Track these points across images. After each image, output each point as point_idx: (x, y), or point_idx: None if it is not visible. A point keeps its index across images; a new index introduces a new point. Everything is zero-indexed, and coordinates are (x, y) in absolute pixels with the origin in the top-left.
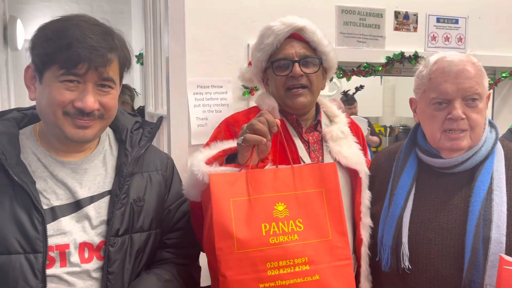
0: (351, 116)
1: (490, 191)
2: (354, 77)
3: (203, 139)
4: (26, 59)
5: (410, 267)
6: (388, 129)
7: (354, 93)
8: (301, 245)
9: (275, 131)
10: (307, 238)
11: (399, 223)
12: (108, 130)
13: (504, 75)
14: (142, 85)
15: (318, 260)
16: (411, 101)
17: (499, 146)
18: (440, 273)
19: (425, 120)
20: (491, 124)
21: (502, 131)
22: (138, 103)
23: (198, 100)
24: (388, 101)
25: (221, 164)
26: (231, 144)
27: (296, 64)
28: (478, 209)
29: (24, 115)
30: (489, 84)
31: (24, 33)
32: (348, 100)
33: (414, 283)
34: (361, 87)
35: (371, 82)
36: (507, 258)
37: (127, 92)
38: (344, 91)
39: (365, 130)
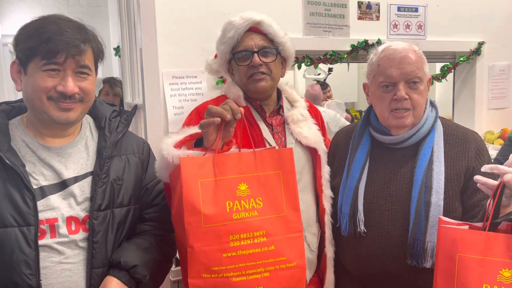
0: (331, 100)
1: (431, 162)
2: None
3: (179, 127)
4: (4, 53)
5: (365, 230)
6: (363, 114)
7: (325, 78)
8: (260, 220)
9: (239, 118)
10: (265, 213)
11: (355, 193)
12: (89, 119)
13: (462, 59)
14: (120, 77)
15: (274, 233)
16: (364, 85)
17: (439, 123)
18: (390, 234)
19: (375, 102)
20: (432, 104)
21: (463, 110)
22: None
23: (174, 90)
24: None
25: (189, 148)
26: (197, 129)
27: (256, 55)
28: (421, 178)
29: (12, 108)
30: (448, 68)
31: (1, 28)
32: (322, 85)
33: (368, 244)
34: (330, 69)
35: (346, 69)
36: (445, 218)
37: (119, 85)
38: (318, 81)
39: (343, 113)
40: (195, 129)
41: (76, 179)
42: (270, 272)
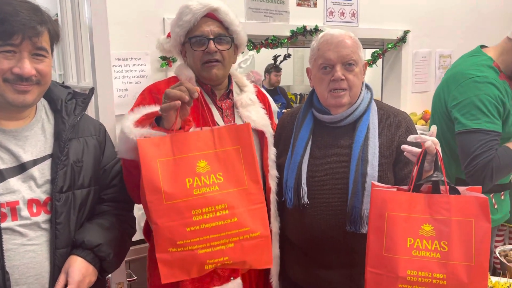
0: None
1: (366, 138)
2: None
3: (125, 109)
4: None
5: (308, 202)
6: (299, 97)
7: (281, 61)
8: (221, 194)
9: (196, 97)
10: (226, 188)
11: (299, 168)
12: (44, 101)
13: (390, 46)
14: (57, 57)
15: (236, 206)
16: (308, 70)
17: (373, 104)
18: (331, 204)
19: (316, 83)
20: (368, 87)
21: (390, 93)
22: None
23: (117, 72)
24: (298, 71)
25: (152, 127)
26: (152, 109)
27: (211, 41)
28: (358, 152)
29: None
30: (378, 54)
31: None
32: (275, 68)
33: (311, 215)
34: (289, 55)
35: (283, 53)
36: (377, 183)
37: None
38: (274, 56)
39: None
40: (150, 109)
41: (35, 162)
42: (234, 243)
